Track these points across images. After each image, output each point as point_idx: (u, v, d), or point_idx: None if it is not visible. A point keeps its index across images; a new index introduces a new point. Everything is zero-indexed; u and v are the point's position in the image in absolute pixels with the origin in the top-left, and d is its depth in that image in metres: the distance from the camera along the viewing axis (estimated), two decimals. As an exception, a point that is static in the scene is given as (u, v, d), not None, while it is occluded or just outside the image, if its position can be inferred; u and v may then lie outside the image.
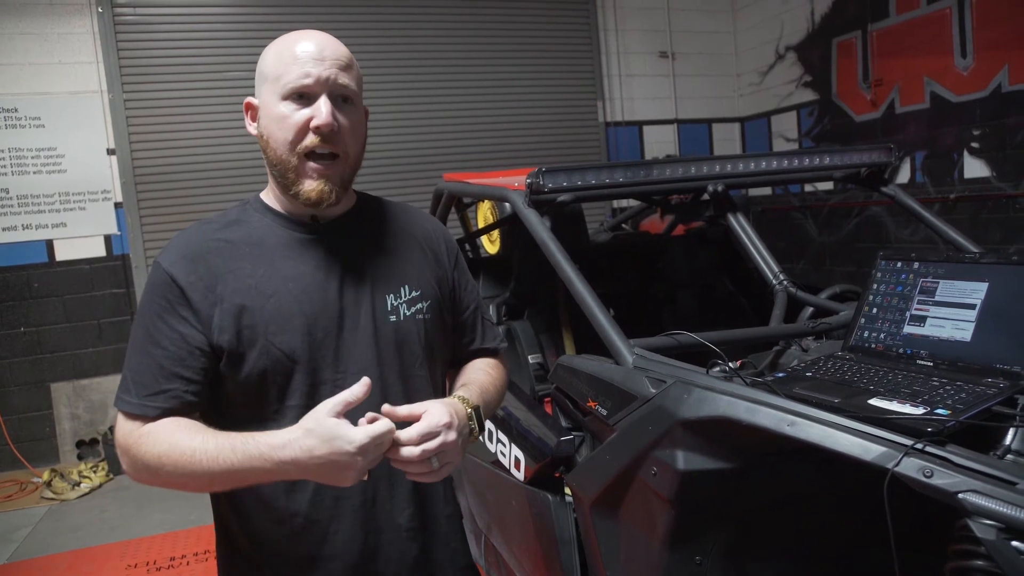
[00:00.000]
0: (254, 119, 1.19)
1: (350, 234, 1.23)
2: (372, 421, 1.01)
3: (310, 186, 1.13)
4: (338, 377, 1.16)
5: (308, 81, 1.10)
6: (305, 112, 1.11)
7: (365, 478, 1.03)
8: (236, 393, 1.15)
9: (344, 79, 1.13)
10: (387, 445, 1.01)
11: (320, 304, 1.15)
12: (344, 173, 1.16)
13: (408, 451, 1.02)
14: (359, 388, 1.02)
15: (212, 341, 1.11)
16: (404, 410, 1.05)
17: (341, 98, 1.14)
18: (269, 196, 1.23)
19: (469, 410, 1.14)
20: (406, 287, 1.23)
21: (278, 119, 1.12)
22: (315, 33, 1.15)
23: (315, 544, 1.16)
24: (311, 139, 1.11)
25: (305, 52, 1.11)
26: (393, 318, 1.21)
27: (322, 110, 1.10)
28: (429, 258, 1.30)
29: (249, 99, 1.20)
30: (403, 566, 1.22)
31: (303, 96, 1.11)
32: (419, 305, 1.24)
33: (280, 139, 1.13)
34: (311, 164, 1.12)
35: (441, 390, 1.34)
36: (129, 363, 1.14)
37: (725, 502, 1.37)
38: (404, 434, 1.02)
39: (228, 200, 5.06)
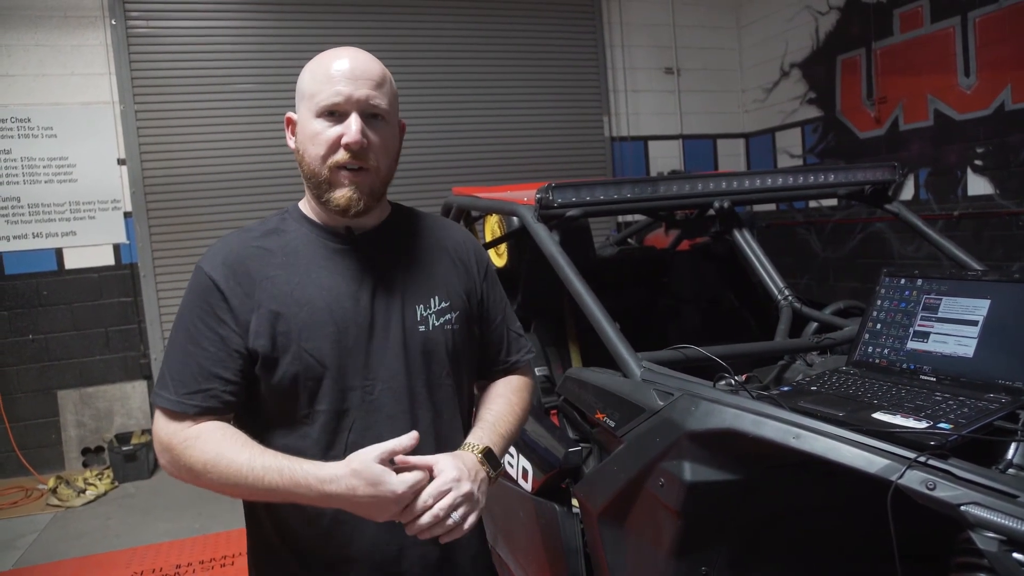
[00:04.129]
0: (294, 134, 1.24)
1: (383, 245, 1.27)
2: (401, 464, 1.08)
3: (339, 193, 1.18)
4: (367, 384, 1.20)
5: (339, 99, 1.15)
6: (337, 129, 1.16)
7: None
8: (269, 396, 1.19)
9: (375, 98, 1.17)
10: (421, 489, 1.08)
11: (351, 313, 1.19)
12: (374, 184, 1.21)
13: (424, 519, 1.07)
14: (407, 440, 1.08)
15: (248, 345, 1.16)
16: (415, 459, 1.10)
17: (372, 115, 1.18)
18: (306, 206, 1.28)
19: (479, 455, 1.19)
20: (435, 298, 1.27)
21: (312, 135, 1.17)
22: (351, 51, 1.20)
23: (342, 545, 1.19)
24: (341, 154, 1.16)
25: (339, 71, 1.16)
26: (422, 328, 1.24)
27: (352, 128, 1.15)
28: (459, 269, 1.34)
29: (290, 114, 1.25)
30: (426, 568, 1.25)
31: (335, 113, 1.16)
32: (448, 316, 1.28)
33: (313, 154, 1.18)
34: (341, 173, 1.17)
35: (467, 400, 1.38)
36: (168, 361, 1.18)
37: (731, 513, 1.39)
38: (417, 503, 1.07)
39: (237, 210, 5.11)
